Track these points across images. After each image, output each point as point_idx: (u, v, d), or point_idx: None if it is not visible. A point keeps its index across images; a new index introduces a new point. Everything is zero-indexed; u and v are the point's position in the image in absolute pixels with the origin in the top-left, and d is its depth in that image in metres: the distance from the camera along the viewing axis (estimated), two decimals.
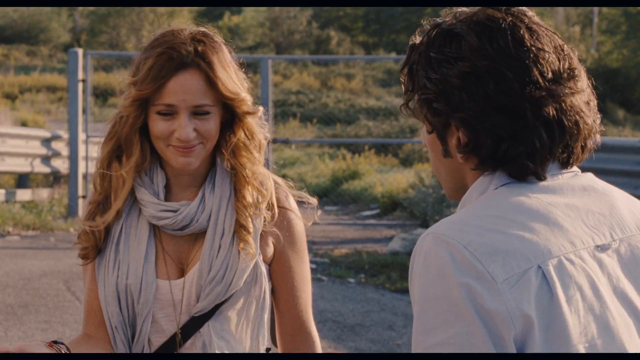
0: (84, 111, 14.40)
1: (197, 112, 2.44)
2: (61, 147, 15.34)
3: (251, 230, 2.49)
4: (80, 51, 13.84)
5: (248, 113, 2.50)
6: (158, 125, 2.45)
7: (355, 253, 11.17)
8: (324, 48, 49.84)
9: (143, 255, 2.49)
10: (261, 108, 2.54)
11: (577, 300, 1.71)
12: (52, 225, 12.80)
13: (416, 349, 1.73)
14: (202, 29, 2.52)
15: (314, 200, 2.63)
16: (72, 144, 13.92)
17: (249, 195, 2.50)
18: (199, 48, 2.44)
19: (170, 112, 2.44)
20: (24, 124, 23.27)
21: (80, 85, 13.77)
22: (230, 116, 2.51)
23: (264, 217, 2.52)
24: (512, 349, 1.67)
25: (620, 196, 1.89)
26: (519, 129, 1.78)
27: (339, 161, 19.37)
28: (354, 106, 31.47)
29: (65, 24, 56.99)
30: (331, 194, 17.16)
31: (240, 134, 2.52)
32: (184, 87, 2.42)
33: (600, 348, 1.71)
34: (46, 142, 15.16)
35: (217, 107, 2.47)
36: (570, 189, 1.84)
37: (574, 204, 1.81)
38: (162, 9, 49.70)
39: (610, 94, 35.24)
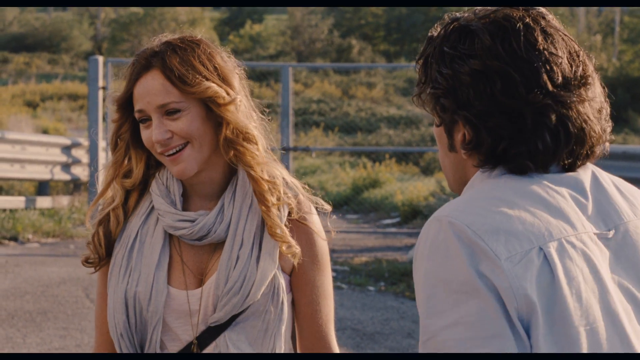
0: (104, 118, 14.43)
1: (168, 112, 2.38)
2: (81, 154, 15.38)
3: (285, 230, 2.42)
4: (100, 58, 13.86)
5: (217, 103, 2.39)
6: (142, 135, 2.43)
7: (375, 261, 11.13)
8: (345, 57, 49.90)
9: (155, 262, 2.43)
10: (238, 97, 2.42)
11: (579, 282, 1.72)
12: (72, 233, 12.82)
13: (424, 334, 1.72)
14: (181, 34, 2.47)
15: (327, 207, 2.56)
16: (92, 151, 13.93)
17: (269, 195, 2.43)
18: (159, 49, 2.41)
19: (145, 118, 2.41)
20: (45, 132, 23.36)
21: (100, 93, 13.78)
22: (210, 111, 2.41)
23: (283, 214, 2.46)
24: (518, 324, 1.66)
25: (612, 184, 1.90)
26: (519, 131, 1.79)
27: (359, 169, 19.34)
28: (375, 115, 31.51)
29: (87, 32, 57.30)
30: (352, 203, 17.13)
31: (226, 129, 2.41)
32: (146, 89, 2.39)
33: (602, 331, 1.71)
34: (66, 149, 15.20)
35: (190, 103, 2.39)
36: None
37: (573, 192, 1.82)
38: (183, 17, 49.92)
39: (632, 103, 35.08)
